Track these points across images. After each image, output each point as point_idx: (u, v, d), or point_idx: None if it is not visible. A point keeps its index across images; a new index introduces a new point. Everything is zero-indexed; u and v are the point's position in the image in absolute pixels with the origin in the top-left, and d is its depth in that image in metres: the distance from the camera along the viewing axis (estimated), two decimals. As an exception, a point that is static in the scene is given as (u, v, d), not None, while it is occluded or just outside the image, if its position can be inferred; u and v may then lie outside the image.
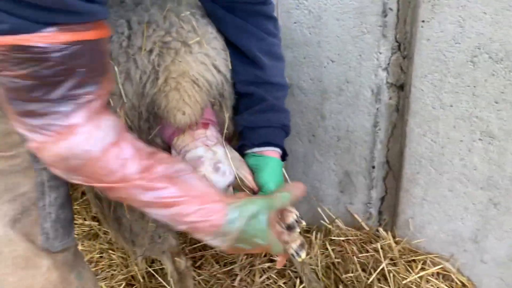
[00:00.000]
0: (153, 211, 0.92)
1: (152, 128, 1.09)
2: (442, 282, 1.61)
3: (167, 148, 1.15)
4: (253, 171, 1.19)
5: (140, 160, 0.87)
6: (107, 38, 0.80)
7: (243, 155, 1.22)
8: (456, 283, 1.59)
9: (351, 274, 1.71)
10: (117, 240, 1.34)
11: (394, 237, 1.73)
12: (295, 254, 1.06)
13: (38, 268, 1.05)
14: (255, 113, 1.21)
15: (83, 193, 2.48)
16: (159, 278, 1.76)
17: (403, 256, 1.68)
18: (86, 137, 0.80)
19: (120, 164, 0.85)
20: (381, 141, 1.66)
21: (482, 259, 1.53)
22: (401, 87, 1.55)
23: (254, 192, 1.19)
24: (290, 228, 1.06)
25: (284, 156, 1.25)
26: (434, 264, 1.63)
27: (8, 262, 1.01)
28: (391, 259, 1.67)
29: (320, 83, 1.70)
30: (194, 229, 0.94)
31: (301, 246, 1.06)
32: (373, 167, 1.72)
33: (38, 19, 0.69)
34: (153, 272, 1.79)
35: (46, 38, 0.70)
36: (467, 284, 1.58)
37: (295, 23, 1.65)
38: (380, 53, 1.53)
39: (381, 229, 1.77)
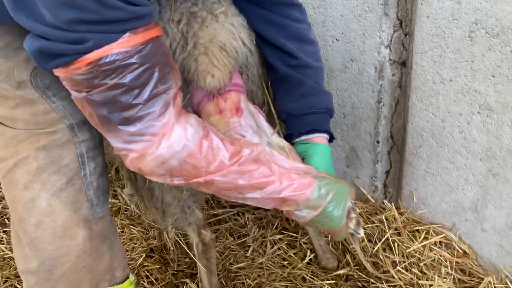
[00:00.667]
0: (249, 195, 0.99)
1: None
2: (444, 250, 1.68)
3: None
4: (302, 158, 1.24)
5: (228, 147, 0.95)
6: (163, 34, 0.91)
7: (290, 143, 1.26)
8: (458, 251, 1.66)
9: (358, 245, 1.80)
10: (148, 211, 1.45)
11: (398, 208, 1.80)
12: (354, 232, 1.15)
13: (74, 239, 1.14)
14: (296, 99, 1.24)
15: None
16: (185, 248, 1.85)
17: (407, 227, 1.76)
18: (182, 132, 0.89)
19: (214, 154, 0.93)
20: (385, 117, 1.72)
21: (482, 227, 1.60)
22: (403, 64, 1.60)
23: None
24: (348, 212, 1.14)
25: (331, 139, 1.29)
26: (437, 234, 1.71)
27: (48, 232, 1.11)
28: (396, 229, 1.75)
29: (326, 62, 1.76)
30: (286, 203, 1.02)
31: (358, 224, 1.15)
32: (378, 142, 1.78)
33: (113, 30, 0.79)
34: (181, 241, 1.89)
35: (126, 43, 0.81)
36: (468, 252, 1.65)
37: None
38: (383, 31, 1.58)
39: (386, 201, 1.84)
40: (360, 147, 1.85)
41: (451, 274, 1.63)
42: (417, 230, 1.74)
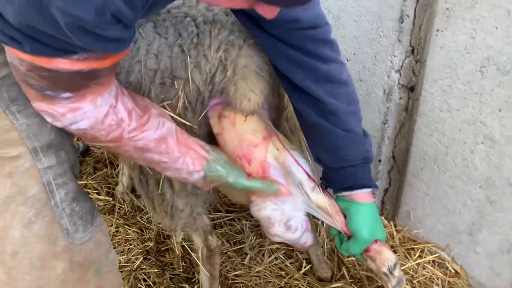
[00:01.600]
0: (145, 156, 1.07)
1: (203, 110, 1.23)
2: (437, 270, 1.76)
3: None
4: (344, 215, 1.21)
5: (132, 121, 1.01)
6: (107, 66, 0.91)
7: (332, 197, 1.23)
8: (450, 270, 1.74)
9: (353, 258, 1.86)
10: (157, 215, 1.46)
11: (395, 226, 1.87)
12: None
13: (53, 270, 1.06)
14: (329, 152, 1.16)
15: (96, 169, 2.59)
16: (192, 254, 1.86)
17: (403, 244, 1.82)
18: (89, 104, 0.93)
19: (117, 124, 0.98)
20: (389, 138, 1.78)
21: (475, 250, 1.68)
22: (411, 89, 1.66)
23: (347, 235, 1.25)
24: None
25: (373, 186, 1.22)
26: (431, 253, 1.78)
27: (25, 261, 1.04)
28: (392, 246, 1.81)
29: (335, 80, 1.80)
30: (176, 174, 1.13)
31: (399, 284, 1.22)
32: (380, 160, 1.84)
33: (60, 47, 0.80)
34: (187, 247, 1.90)
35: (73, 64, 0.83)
36: (460, 272, 1.73)
37: (315, 21, 1.73)
38: (395, 56, 1.63)
39: (383, 218, 1.90)
40: (361, 164, 1.90)
41: (442, 292, 1.71)
42: (412, 248, 1.81)
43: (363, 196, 1.18)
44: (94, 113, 0.94)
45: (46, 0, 0.70)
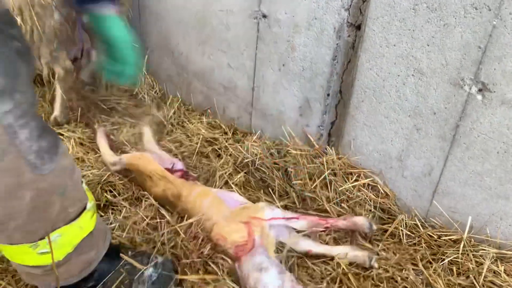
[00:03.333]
0: None
1: None
2: (370, 192, 1.99)
3: None
4: (96, 29, 1.29)
5: None
6: None
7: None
8: (381, 193, 1.98)
9: (300, 181, 2.08)
10: None
11: (337, 154, 2.09)
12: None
13: (21, 199, 1.12)
14: None
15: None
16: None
17: (343, 169, 2.05)
18: None
19: None
20: (337, 73, 1.98)
21: (403, 174, 1.91)
22: (358, 27, 1.85)
23: None
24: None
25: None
26: (366, 177, 2.01)
27: None
28: (333, 170, 2.04)
29: (293, 17, 1.99)
30: None
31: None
32: (328, 95, 2.05)
33: None
34: None
35: None
36: (389, 194, 1.97)
37: (277, -39, 1.90)
38: (345, -5, 1.82)
39: (328, 147, 2.12)
40: (313, 99, 2.11)
41: (373, 211, 1.95)
42: (351, 173, 2.04)
43: (108, 10, 1.28)
44: None
45: None
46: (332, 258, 1.73)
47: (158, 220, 1.84)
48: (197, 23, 2.49)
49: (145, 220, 1.85)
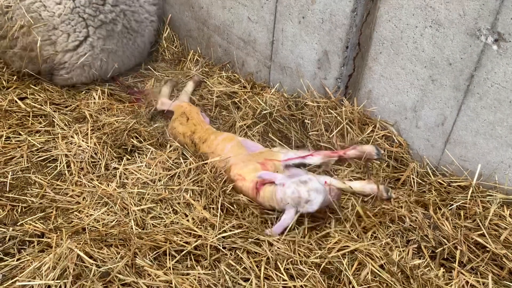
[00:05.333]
0: None
1: None
2: (385, 142, 2.07)
3: None
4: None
5: None
6: None
7: None
8: (396, 143, 2.06)
9: (316, 132, 2.17)
10: None
11: (354, 105, 2.16)
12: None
13: None
14: None
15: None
16: None
17: (359, 120, 2.13)
18: None
19: None
20: (356, 25, 2.02)
21: (417, 125, 1.98)
22: (378, -21, 1.89)
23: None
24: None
25: None
26: (382, 128, 2.09)
27: None
28: (350, 121, 2.12)
29: (314, -30, 2.02)
30: None
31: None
32: (347, 47, 2.10)
33: None
34: None
35: None
36: (403, 144, 2.05)
37: None
38: None
39: (345, 99, 2.19)
40: (331, 52, 2.16)
41: (387, 161, 2.04)
42: (367, 124, 2.12)
43: None
44: None
45: None
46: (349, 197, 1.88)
47: (182, 161, 2.01)
48: (218, -23, 2.52)
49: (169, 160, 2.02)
